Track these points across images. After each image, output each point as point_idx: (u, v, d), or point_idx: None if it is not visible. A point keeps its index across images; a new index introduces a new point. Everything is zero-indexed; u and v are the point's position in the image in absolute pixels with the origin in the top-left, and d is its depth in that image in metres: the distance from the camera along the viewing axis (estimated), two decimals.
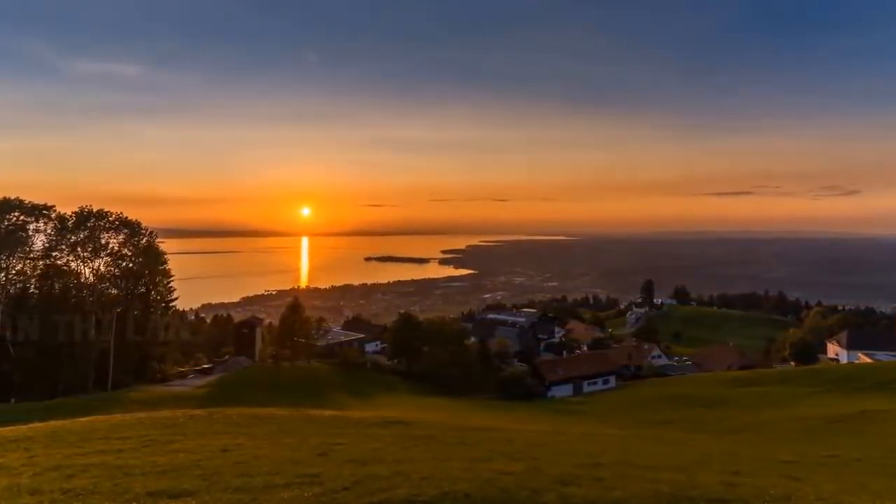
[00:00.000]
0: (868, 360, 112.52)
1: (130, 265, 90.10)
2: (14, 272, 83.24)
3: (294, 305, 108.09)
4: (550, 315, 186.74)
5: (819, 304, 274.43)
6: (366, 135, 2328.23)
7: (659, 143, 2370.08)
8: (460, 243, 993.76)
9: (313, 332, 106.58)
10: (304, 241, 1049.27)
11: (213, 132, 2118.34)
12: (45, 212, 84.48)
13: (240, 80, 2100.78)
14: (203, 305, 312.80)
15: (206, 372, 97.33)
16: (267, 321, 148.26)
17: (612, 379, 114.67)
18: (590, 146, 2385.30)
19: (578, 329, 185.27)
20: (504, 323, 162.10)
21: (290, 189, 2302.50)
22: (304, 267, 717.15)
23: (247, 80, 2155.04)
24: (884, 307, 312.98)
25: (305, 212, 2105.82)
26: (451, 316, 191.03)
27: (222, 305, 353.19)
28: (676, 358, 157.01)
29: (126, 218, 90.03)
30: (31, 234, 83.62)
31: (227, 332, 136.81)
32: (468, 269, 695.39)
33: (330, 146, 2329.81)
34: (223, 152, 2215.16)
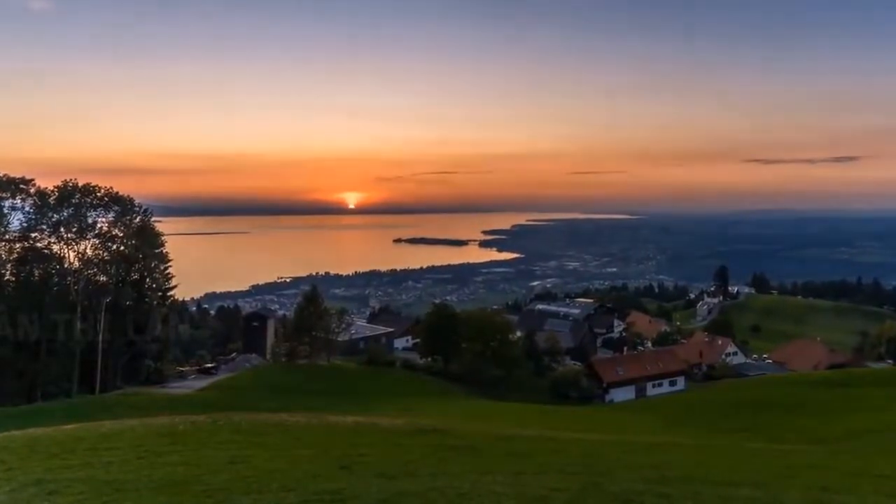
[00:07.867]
0: None
1: (121, 248, 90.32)
2: None
3: (311, 295, 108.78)
4: (609, 306, 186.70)
5: None
6: (373, 84, 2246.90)
7: (732, 95, 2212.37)
8: (504, 222, 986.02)
9: (334, 325, 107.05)
10: (318, 219, 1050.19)
11: (168, 79, 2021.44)
12: (22, 186, 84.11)
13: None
14: (206, 295, 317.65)
15: (209, 372, 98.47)
16: (280, 313, 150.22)
17: (681, 380, 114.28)
18: (642, 98, 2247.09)
19: (641, 322, 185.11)
20: (555, 315, 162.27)
21: (284, 154, 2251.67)
22: (323, 250, 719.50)
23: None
24: None
25: (313, 184, 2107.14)
26: (494, 307, 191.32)
27: (229, 295, 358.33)
28: (755, 355, 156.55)
29: (116, 193, 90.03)
30: (6, 211, 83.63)
31: (234, 326, 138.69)
32: (513, 252, 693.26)
33: (330, 99, 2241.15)
34: (189, 113, 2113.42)
